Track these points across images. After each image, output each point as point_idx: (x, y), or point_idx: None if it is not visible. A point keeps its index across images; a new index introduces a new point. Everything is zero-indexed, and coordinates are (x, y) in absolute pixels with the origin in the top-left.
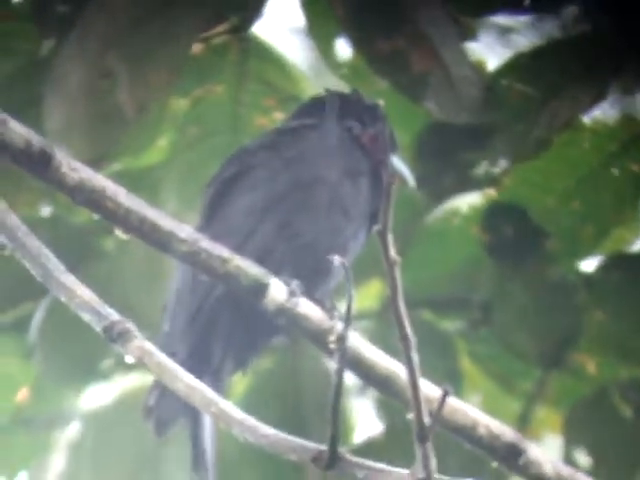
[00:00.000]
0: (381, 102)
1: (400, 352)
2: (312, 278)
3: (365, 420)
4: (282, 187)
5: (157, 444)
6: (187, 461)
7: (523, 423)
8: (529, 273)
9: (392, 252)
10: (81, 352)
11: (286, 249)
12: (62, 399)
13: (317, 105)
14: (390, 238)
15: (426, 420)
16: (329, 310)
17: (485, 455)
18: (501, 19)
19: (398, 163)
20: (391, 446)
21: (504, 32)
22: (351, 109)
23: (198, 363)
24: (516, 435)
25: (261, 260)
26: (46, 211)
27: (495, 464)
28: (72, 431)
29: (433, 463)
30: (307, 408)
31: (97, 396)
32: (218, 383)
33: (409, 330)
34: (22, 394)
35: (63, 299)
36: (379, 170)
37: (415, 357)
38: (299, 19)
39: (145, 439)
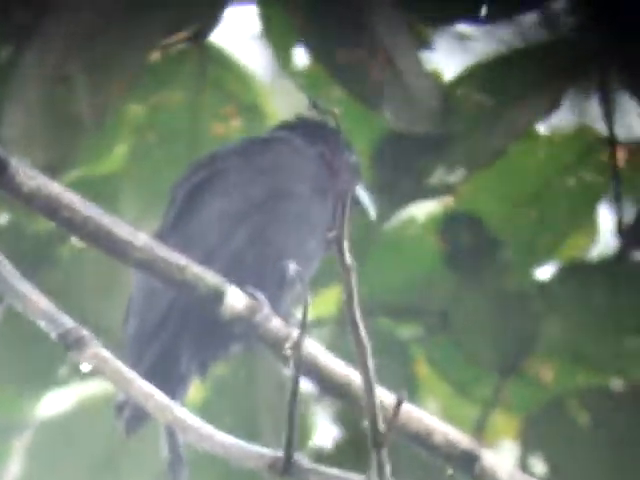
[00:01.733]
0: (337, 111)
1: (356, 358)
2: (274, 287)
3: (322, 427)
4: (257, 194)
5: (114, 452)
6: (144, 468)
7: (480, 429)
8: (486, 281)
9: (348, 258)
10: (38, 359)
11: (254, 257)
12: (19, 406)
13: (286, 127)
14: (346, 244)
15: (381, 427)
16: (285, 318)
17: (441, 462)
18: (458, 27)
19: (361, 193)
20: (348, 453)
21: (461, 39)
22: (318, 134)
23: (166, 367)
24: (472, 442)
25: (230, 266)
26: (3, 219)
27: (451, 471)
28: (29, 438)
29: (388, 470)
30: (263, 416)
31: (54, 403)
32: (182, 388)
33: (364, 336)
34: None
35: (18, 306)
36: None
37: (370, 363)
38: (257, 28)
39: (102, 446)
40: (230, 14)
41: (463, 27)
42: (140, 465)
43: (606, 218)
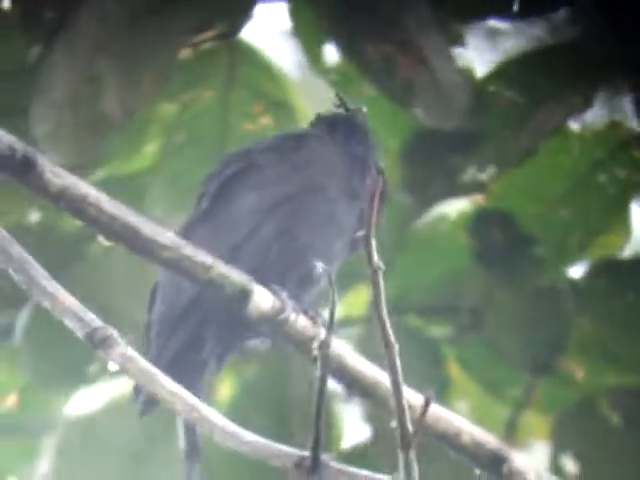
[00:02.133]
0: (364, 109)
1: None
2: (299, 285)
3: (353, 426)
4: (290, 190)
5: (143, 450)
6: (174, 465)
7: (511, 429)
8: (517, 279)
9: (376, 258)
10: (67, 358)
11: (280, 251)
12: (50, 404)
13: (322, 123)
14: (374, 244)
15: (409, 428)
16: (313, 317)
17: (469, 463)
18: (490, 23)
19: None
20: (378, 452)
21: (493, 35)
22: (352, 132)
23: (189, 354)
24: (500, 443)
25: (255, 260)
26: (34, 217)
27: (479, 472)
28: (58, 437)
29: (416, 470)
30: (293, 415)
31: (84, 401)
32: (202, 377)
33: (392, 336)
34: (10, 400)
35: (47, 306)
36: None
37: (398, 363)
38: (287, 25)
39: (132, 444)
40: (260, 11)
41: (495, 23)
42: (168, 463)
43: (639, 216)
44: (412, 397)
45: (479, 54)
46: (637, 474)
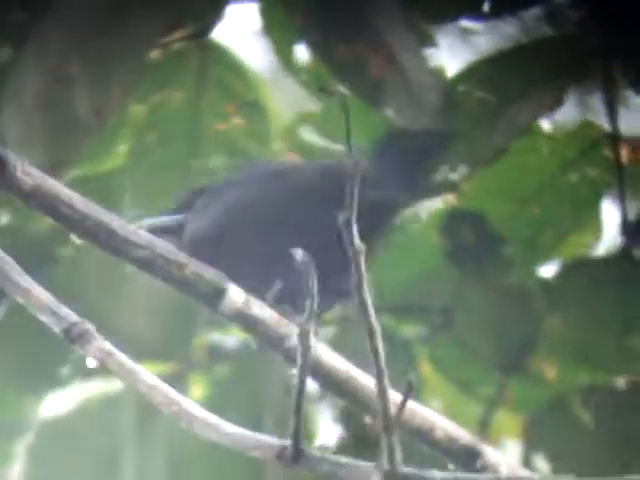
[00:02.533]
0: (344, 91)
1: (360, 355)
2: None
3: (325, 427)
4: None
5: (118, 452)
6: (147, 467)
7: (483, 428)
8: (488, 279)
9: (357, 241)
10: (39, 360)
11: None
12: (20, 407)
13: None
14: (355, 227)
15: (392, 410)
16: (287, 313)
17: (443, 458)
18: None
19: None
20: (351, 452)
21: (465, 35)
22: None
23: None
24: (473, 438)
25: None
26: (4, 219)
27: (452, 467)
28: (31, 439)
29: (398, 456)
30: (267, 415)
31: (57, 404)
32: None
33: (374, 320)
34: None
35: (20, 301)
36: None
37: (381, 348)
38: (258, 25)
39: (106, 447)
40: (231, 11)
41: (466, 23)
42: (144, 465)
43: (610, 215)
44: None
45: (450, 54)
46: (610, 473)
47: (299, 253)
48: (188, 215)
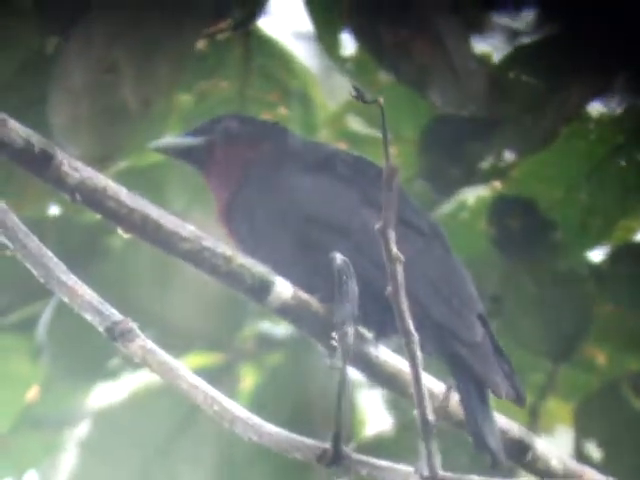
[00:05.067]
0: (381, 99)
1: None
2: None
3: (376, 413)
4: None
5: (167, 442)
6: (197, 459)
7: (534, 416)
8: (537, 265)
9: (394, 249)
10: (89, 351)
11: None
12: (71, 398)
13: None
14: (392, 235)
15: (430, 417)
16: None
17: None
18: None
19: None
20: (401, 440)
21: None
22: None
23: None
24: (523, 431)
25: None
26: (54, 210)
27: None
28: (82, 430)
29: (438, 460)
30: (316, 404)
31: (107, 394)
32: None
33: (411, 326)
34: (32, 394)
35: (65, 299)
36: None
37: (418, 352)
38: (303, 15)
39: (155, 437)
40: (276, 1)
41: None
42: (193, 455)
43: None
44: (433, 385)
45: (497, 40)
46: None
47: (338, 256)
48: (214, 137)
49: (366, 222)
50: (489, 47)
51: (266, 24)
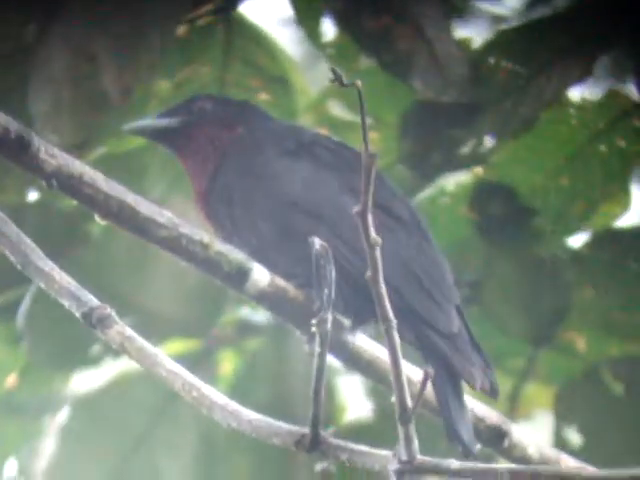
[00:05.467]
0: (359, 83)
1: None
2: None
3: (357, 399)
4: None
5: (147, 429)
6: (177, 445)
7: (514, 401)
8: (518, 251)
9: (372, 233)
10: (69, 338)
11: None
12: (51, 384)
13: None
14: (370, 219)
15: (408, 403)
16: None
17: None
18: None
19: None
20: (381, 425)
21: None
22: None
23: None
24: (500, 418)
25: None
26: (32, 196)
27: (479, 446)
28: (62, 417)
29: (416, 445)
30: (295, 389)
31: (86, 381)
32: None
33: (390, 312)
34: (11, 380)
35: (42, 285)
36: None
37: (396, 339)
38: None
39: (135, 423)
40: None
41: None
42: (173, 442)
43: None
44: (412, 372)
45: (477, 25)
46: None
47: (317, 241)
48: (189, 118)
49: (345, 209)
50: (470, 32)
51: (247, 10)
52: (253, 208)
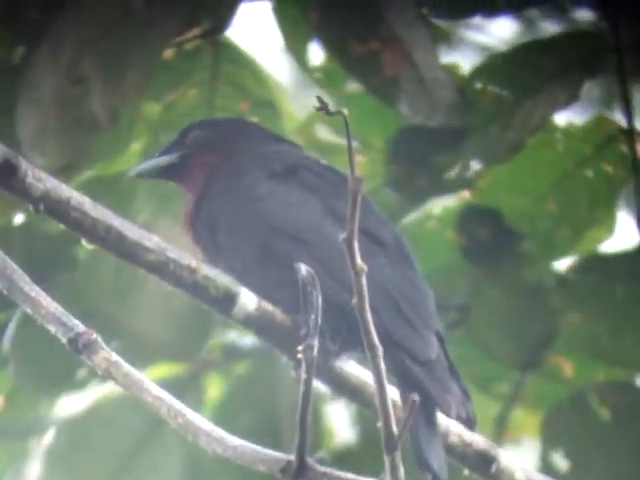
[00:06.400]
0: (345, 111)
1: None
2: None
3: (343, 423)
4: None
5: (132, 453)
6: (162, 468)
7: (501, 426)
8: (505, 275)
9: (358, 260)
10: (55, 361)
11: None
12: (37, 407)
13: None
14: (356, 246)
15: (394, 430)
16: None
17: (457, 463)
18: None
19: None
20: (368, 450)
21: (478, 31)
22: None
23: None
24: (488, 443)
25: None
26: (19, 219)
27: (467, 472)
28: (48, 439)
29: (402, 473)
30: (282, 414)
31: (72, 404)
32: None
33: (376, 339)
34: None
35: (28, 310)
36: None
37: (382, 366)
38: (272, 24)
39: (120, 448)
40: (244, 10)
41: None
42: (159, 465)
43: (625, 210)
44: (398, 398)
45: (464, 50)
46: (627, 468)
47: (303, 267)
48: (186, 151)
49: (327, 234)
50: (457, 58)
51: (235, 34)
52: (236, 232)
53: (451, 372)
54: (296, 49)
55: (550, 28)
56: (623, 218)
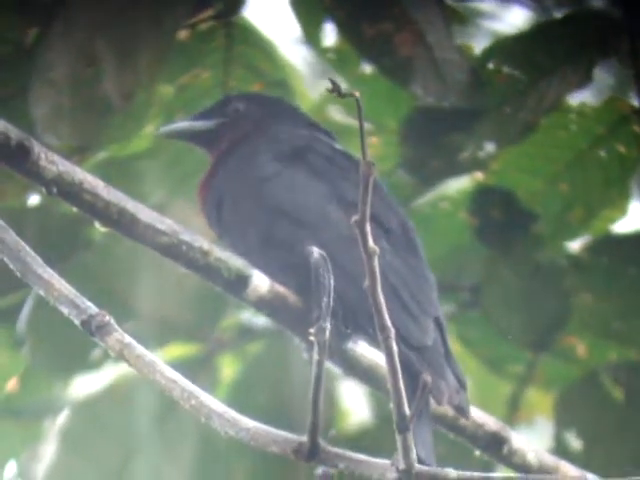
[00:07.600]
0: (357, 93)
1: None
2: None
3: (357, 403)
4: None
5: (147, 433)
6: (177, 449)
7: (513, 406)
8: (517, 256)
9: (370, 242)
10: (70, 342)
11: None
12: (52, 388)
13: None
14: (368, 228)
15: (406, 411)
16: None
17: (468, 444)
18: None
19: None
20: (381, 430)
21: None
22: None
23: None
24: (499, 424)
25: None
26: (34, 200)
27: (478, 453)
28: (62, 420)
29: (414, 453)
30: (296, 394)
31: (87, 384)
32: None
33: (388, 320)
34: (11, 384)
35: (42, 293)
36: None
37: (394, 347)
38: (285, 6)
39: (135, 427)
40: None
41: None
42: (174, 446)
43: (638, 191)
44: None
45: (477, 31)
46: None
47: (315, 250)
48: (225, 119)
49: (330, 218)
50: (470, 39)
51: (249, 14)
52: (240, 211)
53: (448, 359)
54: (309, 31)
55: (563, 7)
56: (635, 199)
